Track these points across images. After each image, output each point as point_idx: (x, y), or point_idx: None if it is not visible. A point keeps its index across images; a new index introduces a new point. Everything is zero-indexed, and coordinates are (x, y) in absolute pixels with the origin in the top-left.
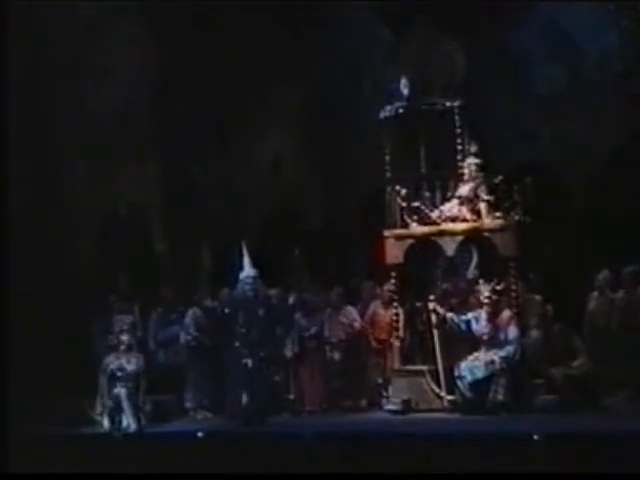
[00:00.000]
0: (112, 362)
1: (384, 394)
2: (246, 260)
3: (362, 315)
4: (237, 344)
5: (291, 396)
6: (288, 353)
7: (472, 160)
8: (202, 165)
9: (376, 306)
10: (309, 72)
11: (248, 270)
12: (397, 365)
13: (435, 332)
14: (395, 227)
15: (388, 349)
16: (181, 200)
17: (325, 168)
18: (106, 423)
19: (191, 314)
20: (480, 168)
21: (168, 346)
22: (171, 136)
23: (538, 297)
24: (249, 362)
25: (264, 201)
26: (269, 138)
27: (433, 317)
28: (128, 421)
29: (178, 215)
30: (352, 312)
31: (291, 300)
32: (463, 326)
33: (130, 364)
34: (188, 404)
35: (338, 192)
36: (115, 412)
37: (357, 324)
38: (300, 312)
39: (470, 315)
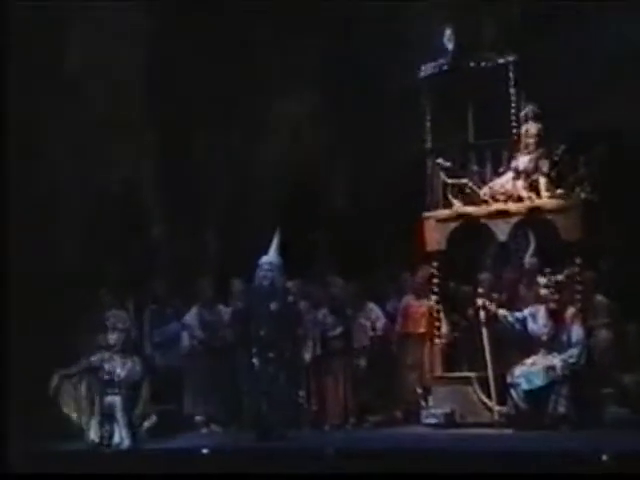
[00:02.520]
0: (102, 364)
1: (423, 405)
2: (274, 245)
3: (395, 312)
4: (250, 346)
5: (312, 407)
6: (307, 356)
7: (530, 126)
8: (207, 136)
9: (413, 301)
10: (332, 23)
11: (271, 256)
12: (438, 371)
13: (484, 332)
14: (437, 207)
15: (427, 352)
16: (183, 177)
17: (352, 138)
18: (93, 436)
19: (195, 312)
20: (539, 136)
21: (166, 348)
22: (171, 103)
23: (608, 291)
24: (264, 367)
25: (280, 178)
26: (285, 104)
27: (482, 314)
28: (121, 435)
29: (179, 194)
30: (374, 309)
31: (311, 294)
32: (518, 325)
33: (125, 368)
34: (192, 416)
35: (368, 167)
36: (105, 424)
37: (380, 324)
38: (324, 308)
39: (527, 312)
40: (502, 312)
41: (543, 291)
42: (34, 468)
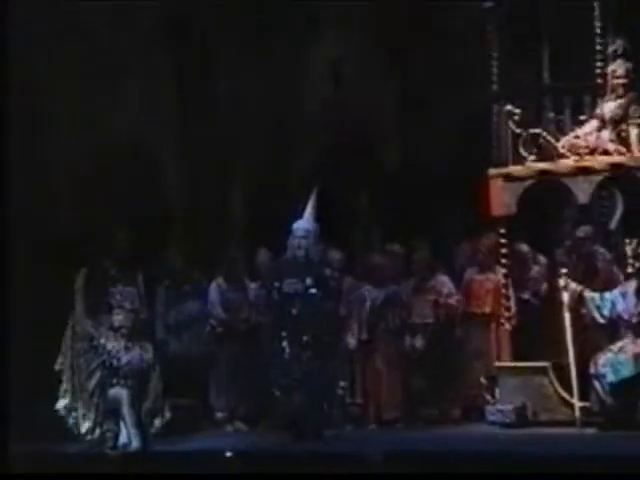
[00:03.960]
0: (107, 349)
1: (488, 399)
2: (309, 208)
3: (456, 288)
4: (281, 328)
5: (357, 401)
6: (351, 341)
7: (618, 66)
8: (232, 81)
9: (476, 275)
10: None
11: (306, 221)
12: (507, 358)
13: (567, 315)
14: (505, 163)
15: (493, 335)
16: (203, 127)
17: (404, 81)
18: (94, 435)
19: (215, 288)
20: (629, 77)
21: (182, 331)
22: (190, 41)
23: None
24: (298, 354)
25: (318, 130)
26: (326, 41)
27: (565, 295)
28: (129, 435)
29: (199, 148)
30: (445, 283)
31: (355, 267)
32: (607, 311)
33: (131, 355)
34: (212, 412)
35: (423, 114)
36: (109, 421)
37: (453, 300)
38: (370, 283)
39: (617, 292)
40: (588, 294)
41: (632, 264)
42: (35, 469)
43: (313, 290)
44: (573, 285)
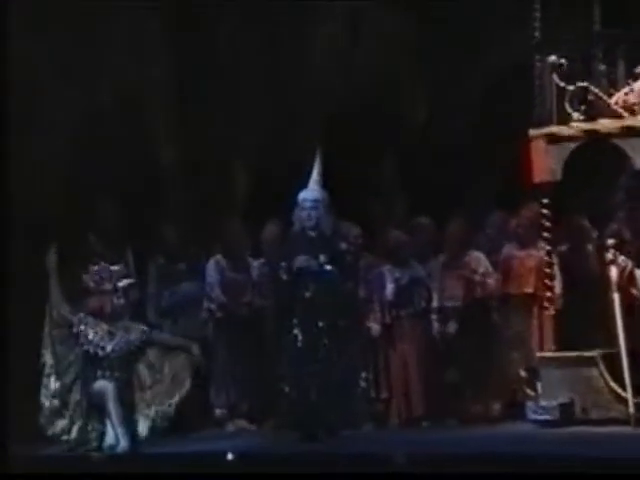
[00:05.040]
0: (88, 337)
1: (529, 394)
2: (315, 176)
3: (496, 265)
4: (294, 314)
5: (379, 395)
6: (374, 326)
7: None
8: (237, 29)
9: (516, 251)
10: None
11: (312, 191)
12: (550, 346)
13: (615, 296)
14: (548, 123)
15: (535, 321)
16: (202, 82)
17: (430, 30)
18: (74, 435)
19: (214, 266)
20: None
21: (177, 315)
22: None
23: None
24: (311, 341)
25: (332, 86)
26: None
27: (612, 271)
28: (116, 434)
29: (197, 105)
30: (480, 260)
31: (376, 242)
32: None
33: (120, 342)
34: (211, 409)
35: (453, 67)
36: (92, 419)
37: (491, 280)
38: (392, 261)
39: None
40: None
41: None
42: (35, 469)
43: (328, 267)
44: (622, 259)
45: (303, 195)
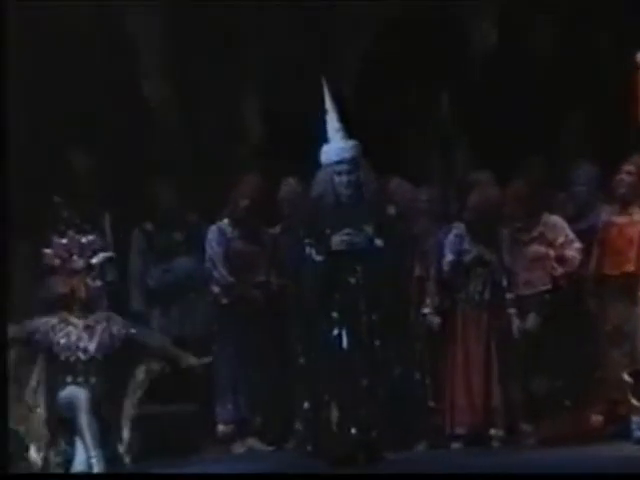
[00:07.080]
0: (55, 331)
1: (635, 405)
2: (331, 120)
3: (583, 235)
4: (330, 306)
5: (436, 406)
6: (434, 319)
7: None
8: None
9: (616, 218)
10: None
11: (341, 147)
12: None
13: None
14: None
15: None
16: (201, 14)
17: None
18: (33, 455)
19: (217, 234)
20: None
21: (170, 302)
22: None
23: None
24: (361, 344)
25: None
26: None
27: None
28: (88, 454)
29: (200, 52)
30: (558, 226)
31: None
32: None
33: (104, 337)
34: (217, 425)
35: None
36: (59, 438)
37: (576, 254)
38: (453, 229)
39: None
40: None
41: None
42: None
43: (379, 241)
44: None
45: (333, 154)
